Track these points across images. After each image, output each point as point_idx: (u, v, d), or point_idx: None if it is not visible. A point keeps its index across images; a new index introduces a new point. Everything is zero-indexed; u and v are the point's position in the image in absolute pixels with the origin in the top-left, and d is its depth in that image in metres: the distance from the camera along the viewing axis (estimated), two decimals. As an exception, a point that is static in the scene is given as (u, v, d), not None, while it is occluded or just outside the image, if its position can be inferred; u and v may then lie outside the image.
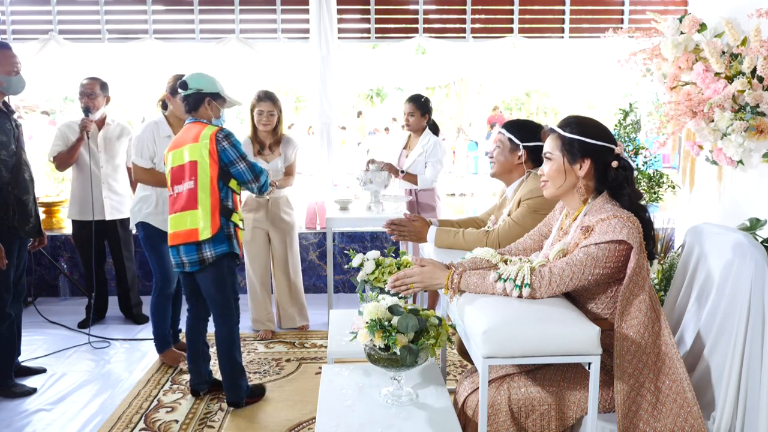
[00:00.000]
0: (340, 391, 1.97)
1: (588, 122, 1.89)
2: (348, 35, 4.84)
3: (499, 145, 2.52)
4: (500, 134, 2.54)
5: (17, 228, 3.02)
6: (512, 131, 2.48)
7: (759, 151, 2.55)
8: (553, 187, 1.90)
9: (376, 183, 3.84)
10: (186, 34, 4.84)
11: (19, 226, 3.03)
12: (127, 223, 4.13)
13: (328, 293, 3.83)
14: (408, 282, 1.92)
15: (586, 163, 1.83)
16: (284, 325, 4.05)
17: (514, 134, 2.47)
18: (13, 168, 3.00)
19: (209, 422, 2.85)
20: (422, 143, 4.04)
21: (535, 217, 2.26)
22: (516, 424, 1.80)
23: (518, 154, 2.46)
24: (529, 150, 2.45)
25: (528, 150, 2.45)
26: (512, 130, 2.49)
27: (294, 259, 4.02)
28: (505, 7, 4.84)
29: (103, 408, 3.00)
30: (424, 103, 4.04)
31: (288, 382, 3.27)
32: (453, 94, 18.27)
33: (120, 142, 4.02)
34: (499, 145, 2.52)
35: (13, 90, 3.02)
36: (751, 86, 2.48)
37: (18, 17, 4.83)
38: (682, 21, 2.77)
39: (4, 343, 3.11)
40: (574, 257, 1.74)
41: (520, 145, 2.45)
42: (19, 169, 3.05)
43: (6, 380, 3.13)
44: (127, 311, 4.26)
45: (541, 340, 1.59)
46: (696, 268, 2.06)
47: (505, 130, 2.50)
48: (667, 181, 3.63)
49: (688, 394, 1.70)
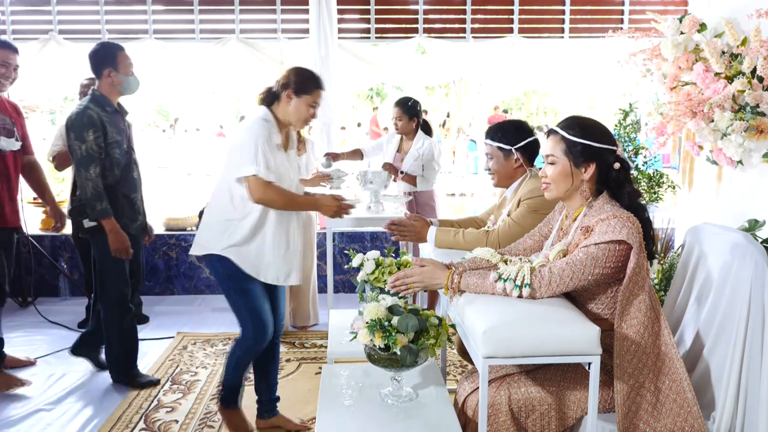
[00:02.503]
0: (340, 391, 1.97)
1: (590, 124, 1.87)
2: (348, 35, 4.84)
3: (491, 156, 2.50)
4: (488, 146, 2.51)
5: (127, 225, 3.07)
6: (499, 139, 2.46)
7: (759, 151, 2.54)
8: (557, 191, 1.88)
9: (376, 183, 3.84)
10: (186, 34, 4.84)
11: (128, 223, 3.09)
12: None
13: (328, 293, 3.83)
14: (408, 282, 1.92)
15: (591, 166, 1.82)
16: (298, 323, 4.10)
17: (502, 141, 2.45)
18: (124, 167, 3.06)
19: (209, 422, 2.85)
20: (416, 146, 4.02)
21: (535, 217, 2.26)
22: (516, 424, 1.80)
23: (513, 158, 2.45)
24: (523, 150, 2.45)
25: (521, 151, 2.45)
26: (498, 137, 2.46)
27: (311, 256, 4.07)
28: (505, 7, 4.85)
29: (103, 408, 3.00)
30: (411, 107, 4.01)
31: (288, 382, 3.26)
32: (453, 94, 18.27)
33: None
34: (491, 156, 2.50)
35: (130, 90, 3.08)
36: (751, 86, 2.47)
37: (18, 17, 4.83)
38: (682, 21, 2.77)
39: (129, 335, 3.22)
40: (574, 257, 1.74)
41: (512, 149, 2.44)
42: (129, 168, 3.11)
43: (132, 370, 3.24)
44: (127, 311, 4.26)
45: (541, 340, 1.59)
46: (696, 268, 2.06)
47: (492, 141, 2.48)
48: (667, 181, 3.63)
49: (688, 394, 1.70)
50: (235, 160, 2.39)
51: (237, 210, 2.42)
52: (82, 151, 2.88)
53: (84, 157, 2.88)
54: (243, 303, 2.48)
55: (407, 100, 4.03)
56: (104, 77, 2.99)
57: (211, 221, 2.49)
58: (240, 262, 2.42)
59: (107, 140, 2.95)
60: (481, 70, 5.06)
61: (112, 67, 2.98)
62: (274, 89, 2.47)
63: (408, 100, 4.02)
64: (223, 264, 2.45)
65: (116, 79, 2.99)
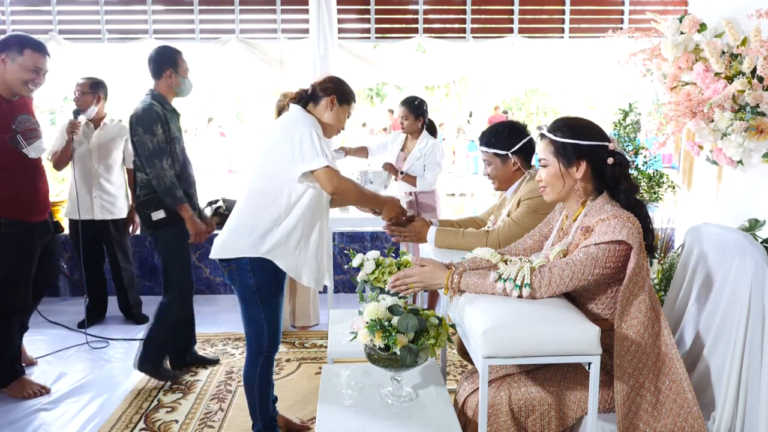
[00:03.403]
0: (340, 391, 1.97)
1: (577, 123, 1.88)
2: (348, 35, 4.84)
3: (489, 162, 2.50)
4: (484, 153, 2.51)
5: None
6: (494, 145, 2.46)
7: (759, 151, 2.55)
8: (553, 193, 1.89)
9: (377, 183, 3.85)
10: (186, 34, 4.84)
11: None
12: (121, 224, 4.14)
13: (328, 293, 3.83)
14: (408, 282, 1.92)
15: (582, 165, 1.82)
16: (298, 323, 4.09)
17: (496, 147, 2.45)
18: (183, 163, 3.14)
19: (209, 422, 2.85)
20: (420, 146, 4.03)
21: (535, 217, 2.26)
22: (516, 424, 1.80)
23: (510, 162, 2.46)
24: (518, 152, 2.45)
25: (517, 153, 2.45)
26: (492, 143, 2.46)
27: None
28: (505, 7, 4.84)
29: (103, 408, 3.00)
30: (417, 106, 4.01)
31: (288, 382, 3.26)
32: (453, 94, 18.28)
33: (115, 142, 4.03)
34: (489, 162, 2.50)
35: (185, 92, 3.19)
36: (751, 86, 2.48)
37: (18, 17, 4.83)
38: (682, 21, 2.77)
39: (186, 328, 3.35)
40: (574, 257, 1.74)
41: (507, 153, 2.45)
42: (187, 165, 3.20)
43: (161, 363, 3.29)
44: (127, 311, 4.26)
45: (541, 340, 1.59)
46: (696, 268, 2.06)
47: (486, 147, 2.48)
48: (667, 181, 3.63)
49: (688, 394, 1.70)
50: (290, 156, 2.21)
51: (282, 209, 2.27)
52: (153, 143, 2.97)
53: (156, 150, 2.98)
54: (266, 315, 2.35)
55: (414, 99, 4.04)
56: (164, 78, 3.11)
57: (247, 223, 2.29)
58: (283, 264, 2.29)
59: (170, 136, 3.05)
60: (481, 70, 5.05)
61: (172, 68, 3.11)
62: (311, 92, 2.39)
63: (414, 100, 4.03)
64: (258, 272, 2.29)
65: (175, 80, 3.12)
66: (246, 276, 2.30)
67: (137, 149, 3.03)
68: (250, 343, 2.40)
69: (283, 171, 2.25)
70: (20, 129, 2.88)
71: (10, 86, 2.86)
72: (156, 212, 3.05)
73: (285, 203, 2.27)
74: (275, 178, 2.27)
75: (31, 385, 3.11)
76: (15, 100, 2.93)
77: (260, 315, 2.35)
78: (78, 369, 3.44)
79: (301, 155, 2.20)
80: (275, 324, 2.39)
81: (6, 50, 2.81)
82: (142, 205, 3.10)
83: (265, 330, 2.36)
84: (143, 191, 3.08)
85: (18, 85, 2.85)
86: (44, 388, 3.12)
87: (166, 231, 3.10)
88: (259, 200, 2.29)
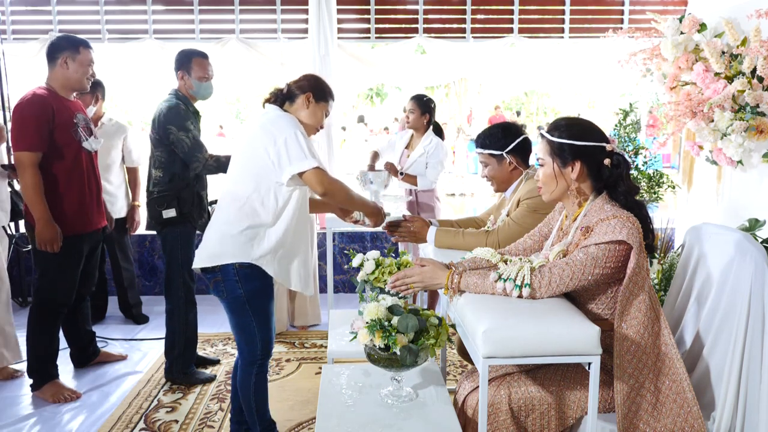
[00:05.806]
0: (340, 391, 1.97)
1: (575, 123, 1.88)
2: (348, 35, 4.84)
3: (486, 164, 2.51)
4: (480, 154, 2.52)
5: (195, 219, 3.17)
6: (488, 146, 2.47)
7: (759, 151, 2.55)
8: (548, 192, 1.90)
9: (377, 183, 3.84)
10: (186, 34, 4.84)
11: (197, 218, 3.18)
12: (121, 224, 4.13)
13: (328, 293, 3.82)
14: (408, 282, 1.92)
15: (577, 165, 1.82)
16: (298, 323, 4.10)
17: (491, 148, 2.46)
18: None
19: (209, 422, 2.85)
20: (424, 144, 4.05)
21: (535, 217, 2.26)
22: (516, 423, 1.80)
23: (506, 162, 2.46)
24: (514, 152, 2.45)
25: (513, 153, 2.45)
26: (487, 144, 2.47)
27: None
28: (505, 7, 4.84)
29: (103, 408, 3.00)
30: (425, 103, 4.06)
31: (288, 382, 3.27)
32: (453, 94, 18.28)
33: (114, 141, 4.03)
34: (486, 164, 2.51)
35: (201, 95, 3.19)
36: (751, 86, 2.48)
37: (18, 17, 4.83)
38: (682, 21, 2.77)
39: (192, 330, 3.28)
40: (574, 257, 1.74)
41: (502, 153, 2.45)
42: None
43: (189, 368, 3.29)
44: (127, 311, 4.26)
45: (541, 340, 1.59)
46: (696, 268, 2.06)
47: (482, 149, 2.49)
48: (667, 181, 3.62)
49: (688, 394, 1.70)
50: (275, 159, 2.14)
51: (269, 215, 2.19)
52: (190, 138, 3.02)
53: (195, 143, 3.02)
54: (257, 323, 2.28)
55: (423, 95, 4.11)
56: (178, 79, 3.16)
57: (233, 230, 2.20)
58: (272, 270, 2.22)
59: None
60: (481, 70, 5.05)
61: (185, 70, 3.13)
62: (287, 91, 2.34)
63: (423, 96, 4.10)
64: (245, 281, 2.22)
65: (188, 82, 3.14)
66: (234, 287, 2.22)
67: (176, 147, 3.01)
68: (242, 353, 2.35)
69: (268, 174, 2.17)
70: (81, 125, 3.03)
71: (72, 84, 3.01)
72: (167, 210, 3.07)
73: (273, 207, 2.20)
74: (261, 182, 2.19)
75: (63, 390, 3.08)
76: (73, 99, 3.08)
77: (251, 323, 2.28)
78: (78, 369, 3.43)
79: (288, 157, 2.13)
80: (267, 331, 2.32)
81: (62, 52, 2.96)
82: (154, 202, 3.10)
83: (258, 338, 2.30)
84: (156, 188, 3.09)
85: (82, 81, 3.01)
86: (75, 393, 3.10)
87: (175, 229, 3.12)
88: (246, 205, 2.20)
